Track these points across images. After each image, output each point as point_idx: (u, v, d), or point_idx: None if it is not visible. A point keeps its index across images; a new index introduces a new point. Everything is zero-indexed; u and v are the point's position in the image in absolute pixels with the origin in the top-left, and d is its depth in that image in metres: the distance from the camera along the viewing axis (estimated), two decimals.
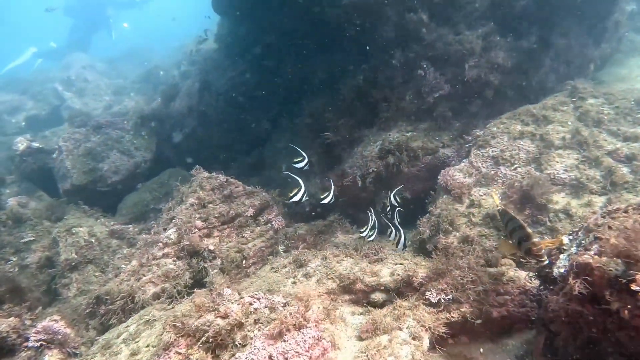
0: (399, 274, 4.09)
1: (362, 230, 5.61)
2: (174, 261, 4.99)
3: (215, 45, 13.19)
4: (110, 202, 8.51)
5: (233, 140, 11.32)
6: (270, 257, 6.43)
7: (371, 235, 5.53)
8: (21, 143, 8.82)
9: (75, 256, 5.93)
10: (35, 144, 9.01)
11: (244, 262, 5.84)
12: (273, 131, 11.75)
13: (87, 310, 4.52)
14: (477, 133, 6.15)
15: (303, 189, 5.18)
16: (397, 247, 5.29)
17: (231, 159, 11.58)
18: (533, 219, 4.83)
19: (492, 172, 5.65)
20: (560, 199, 5.04)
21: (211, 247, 5.16)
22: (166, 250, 5.07)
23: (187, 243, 4.95)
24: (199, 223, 5.46)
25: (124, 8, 30.20)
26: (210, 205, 5.85)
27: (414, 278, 3.91)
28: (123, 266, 5.19)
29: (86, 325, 4.52)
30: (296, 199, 5.16)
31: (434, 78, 6.81)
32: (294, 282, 4.33)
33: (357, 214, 7.40)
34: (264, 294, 3.46)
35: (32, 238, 6.31)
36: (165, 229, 5.30)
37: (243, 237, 5.97)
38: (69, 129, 8.70)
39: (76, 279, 5.72)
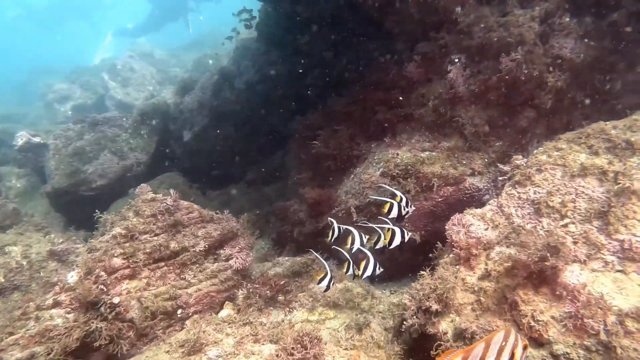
0: None
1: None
2: (66, 314, 4.03)
3: (254, 33, 12.37)
4: (98, 208, 7.99)
5: (252, 142, 10.32)
6: (228, 302, 5.28)
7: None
8: (21, 138, 8.70)
9: (2, 280, 5.30)
10: (36, 139, 8.85)
11: (179, 312, 4.73)
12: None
13: None
14: (517, 162, 4.29)
15: (329, 276, 4.01)
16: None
17: (249, 163, 10.62)
18: (576, 321, 2.98)
19: (529, 226, 3.82)
20: (635, 289, 3.12)
21: (115, 300, 4.10)
22: (61, 297, 4.13)
23: (79, 291, 3.95)
24: (116, 261, 4.45)
25: (204, 0, 30.73)
26: (144, 236, 4.80)
27: None
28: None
29: None
30: (322, 285, 4.03)
31: (467, 78, 5.01)
32: None
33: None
34: None
35: None
36: (75, 267, 4.37)
37: (184, 278, 4.84)
38: (65, 125, 8.34)
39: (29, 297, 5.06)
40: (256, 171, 10.30)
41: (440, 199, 5.04)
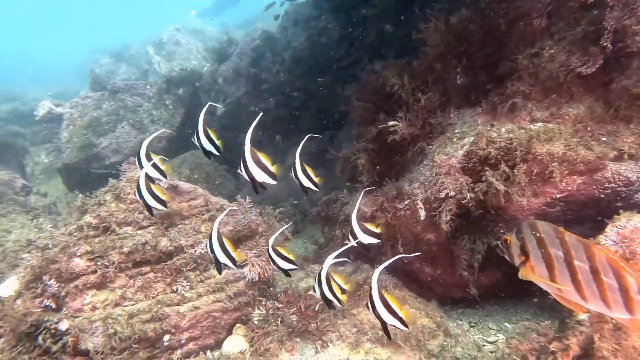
0: None
1: None
2: None
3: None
4: None
5: (295, 118, 8.90)
6: (240, 325, 3.90)
7: None
8: (42, 107, 7.88)
9: None
10: (59, 109, 8.00)
11: (165, 338, 3.41)
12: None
13: None
14: None
15: None
16: None
17: (291, 144, 9.22)
18: None
19: None
20: None
21: (62, 326, 2.84)
22: None
23: (6, 312, 2.72)
24: (78, 263, 3.19)
25: None
26: (125, 229, 3.52)
27: None
28: None
29: None
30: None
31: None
32: None
33: (417, 266, 4.28)
34: None
35: None
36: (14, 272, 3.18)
37: (175, 291, 3.52)
38: (82, 93, 7.39)
39: None
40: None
41: (560, 195, 3.28)
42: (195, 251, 3.69)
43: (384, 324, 2.48)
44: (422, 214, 3.89)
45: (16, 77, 27.02)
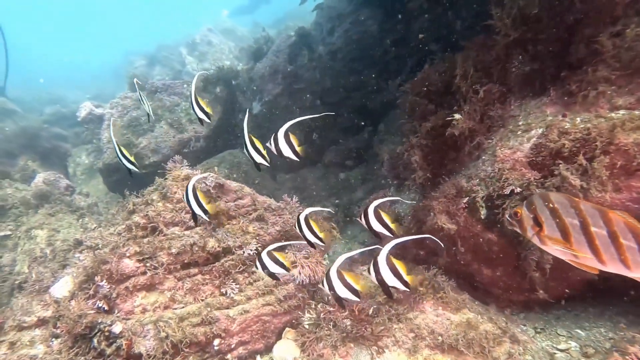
0: None
1: None
2: (50, 340, 2.78)
3: None
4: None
5: (333, 116, 8.72)
6: (289, 329, 3.76)
7: None
8: (84, 109, 8.02)
9: (27, 270, 4.38)
10: (100, 110, 8.13)
11: (215, 342, 3.30)
12: (392, 105, 8.78)
13: None
14: None
15: None
16: None
17: (329, 142, 9.04)
18: None
19: None
20: None
21: (116, 328, 2.75)
22: (48, 312, 2.90)
23: (63, 313, 2.66)
24: (127, 264, 3.12)
25: None
26: (172, 229, 3.44)
27: None
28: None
29: None
30: None
31: None
32: None
33: (475, 267, 4.02)
34: None
35: (10, 232, 5.04)
36: (67, 272, 3.13)
37: (224, 294, 3.41)
38: (121, 93, 7.46)
39: (18, 305, 4.10)
40: (336, 152, 8.71)
41: None
42: (244, 252, 3.57)
43: (385, 285, 2.58)
44: (483, 212, 3.63)
45: (55, 80, 27.96)
